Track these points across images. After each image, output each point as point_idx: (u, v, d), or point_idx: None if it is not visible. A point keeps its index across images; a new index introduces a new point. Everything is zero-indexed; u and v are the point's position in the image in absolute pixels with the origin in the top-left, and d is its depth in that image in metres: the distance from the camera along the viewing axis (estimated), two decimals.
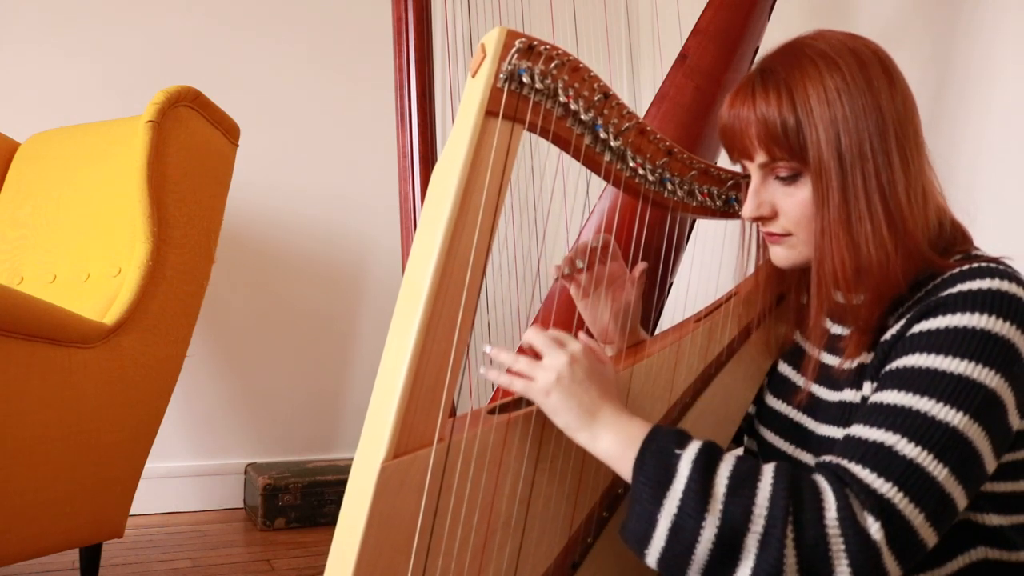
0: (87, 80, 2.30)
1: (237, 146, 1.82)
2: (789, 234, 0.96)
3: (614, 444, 0.84)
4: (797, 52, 0.93)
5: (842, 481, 0.79)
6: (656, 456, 0.81)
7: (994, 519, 0.88)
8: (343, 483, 2.35)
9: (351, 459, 2.66)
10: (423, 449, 0.80)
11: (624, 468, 0.83)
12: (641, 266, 1.09)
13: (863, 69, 0.90)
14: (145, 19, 2.35)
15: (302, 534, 2.25)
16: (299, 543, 2.18)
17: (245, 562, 2.02)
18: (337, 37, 2.55)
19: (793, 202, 0.93)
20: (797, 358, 1.07)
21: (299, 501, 2.30)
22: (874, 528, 0.76)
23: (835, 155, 0.88)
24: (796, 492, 0.77)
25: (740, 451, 1.10)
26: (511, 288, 2.05)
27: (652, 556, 0.80)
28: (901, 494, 0.77)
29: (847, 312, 0.94)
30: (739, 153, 0.97)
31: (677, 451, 0.81)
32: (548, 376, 0.86)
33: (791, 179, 0.93)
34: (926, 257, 0.89)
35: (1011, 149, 1.59)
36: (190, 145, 1.67)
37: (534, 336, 0.90)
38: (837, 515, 0.76)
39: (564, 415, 0.86)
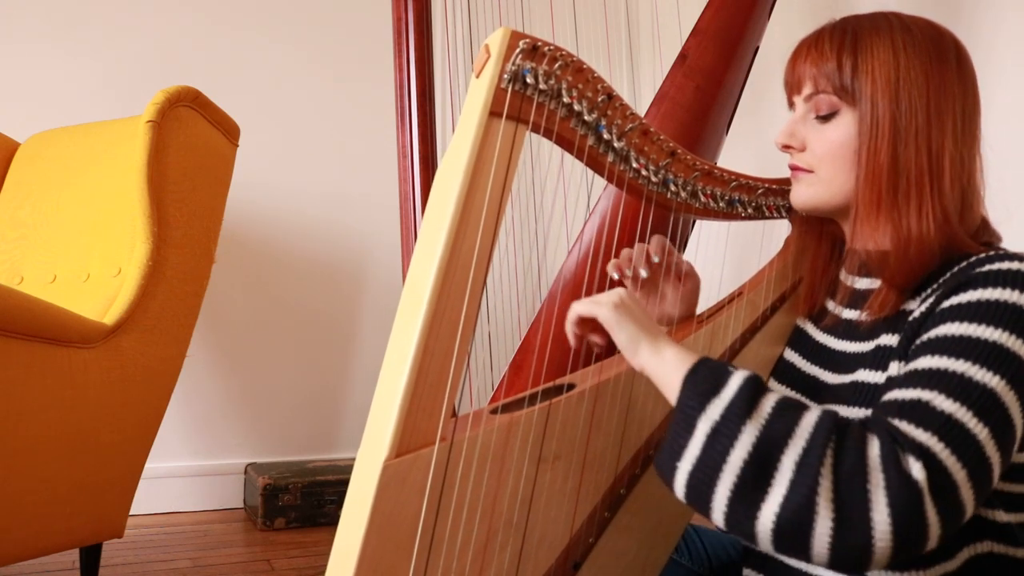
0: (87, 80, 2.30)
1: (237, 146, 1.82)
2: (811, 170, 0.98)
3: (676, 357, 0.84)
4: (879, 18, 0.95)
5: (885, 429, 0.76)
6: (710, 370, 0.81)
7: (1002, 516, 0.88)
8: (343, 483, 2.35)
9: (352, 459, 2.66)
10: (425, 448, 0.80)
11: (678, 381, 0.83)
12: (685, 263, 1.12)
13: (939, 54, 0.92)
14: (145, 19, 2.35)
15: (302, 534, 2.25)
16: (299, 543, 2.18)
17: (245, 562, 2.02)
18: (337, 37, 2.55)
19: (823, 138, 0.96)
20: (802, 343, 1.07)
21: (299, 501, 2.30)
22: (916, 468, 0.72)
23: (889, 116, 0.91)
24: (842, 427, 0.75)
25: None
26: (512, 296, 2.05)
27: (682, 474, 0.77)
28: (941, 444, 0.74)
29: (873, 262, 0.94)
30: (791, 87, 1.00)
31: (731, 369, 0.81)
32: (612, 297, 0.90)
33: (828, 117, 0.95)
34: (958, 238, 0.90)
35: (1011, 149, 1.59)
36: (190, 145, 1.67)
37: (579, 303, 0.93)
38: (880, 451, 0.73)
39: (631, 325, 0.88)
